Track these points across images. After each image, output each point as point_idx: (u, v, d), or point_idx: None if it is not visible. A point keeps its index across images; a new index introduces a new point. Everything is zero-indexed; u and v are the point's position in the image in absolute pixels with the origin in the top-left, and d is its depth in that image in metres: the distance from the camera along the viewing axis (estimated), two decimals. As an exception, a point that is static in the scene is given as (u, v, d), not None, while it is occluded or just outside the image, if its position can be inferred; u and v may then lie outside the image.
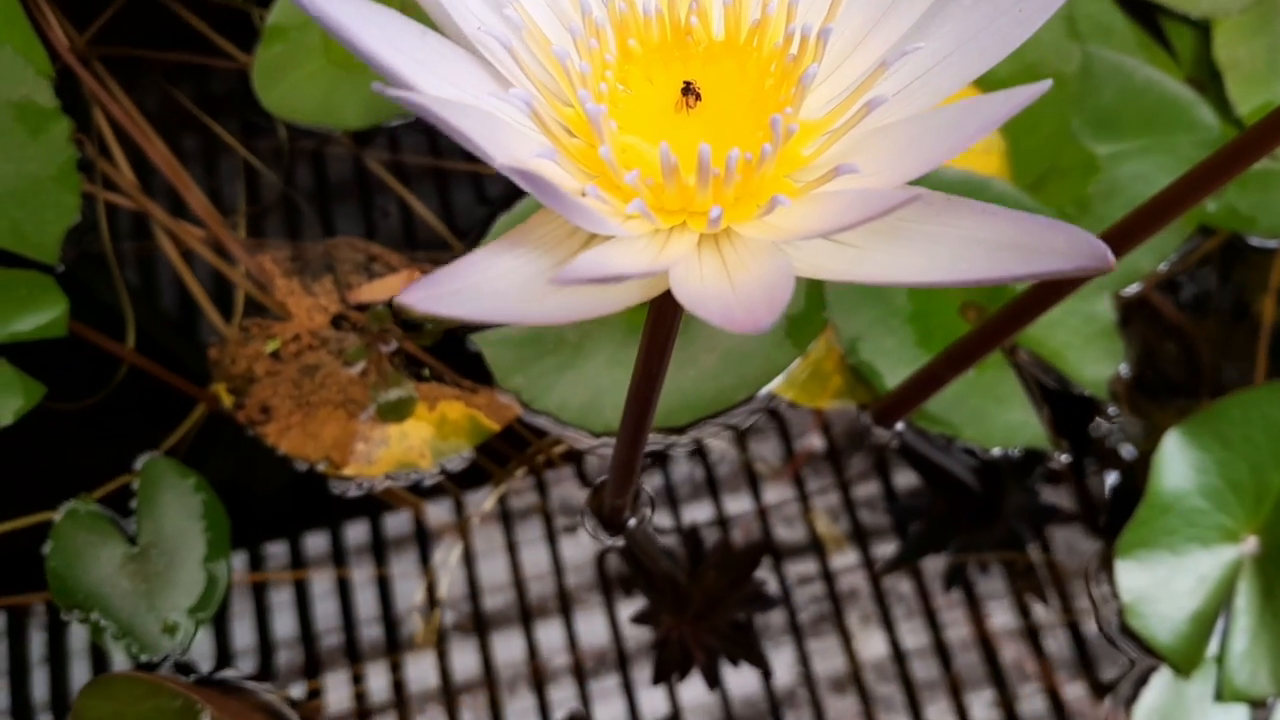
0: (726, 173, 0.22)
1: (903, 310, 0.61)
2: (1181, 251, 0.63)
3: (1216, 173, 0.41)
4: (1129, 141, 0.63)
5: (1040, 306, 0.48)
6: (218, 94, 0.69)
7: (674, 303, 0.29)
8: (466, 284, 0.20)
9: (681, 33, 0.25)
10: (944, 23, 0.22)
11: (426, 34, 0.23)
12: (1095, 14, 0.66)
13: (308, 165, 0.67)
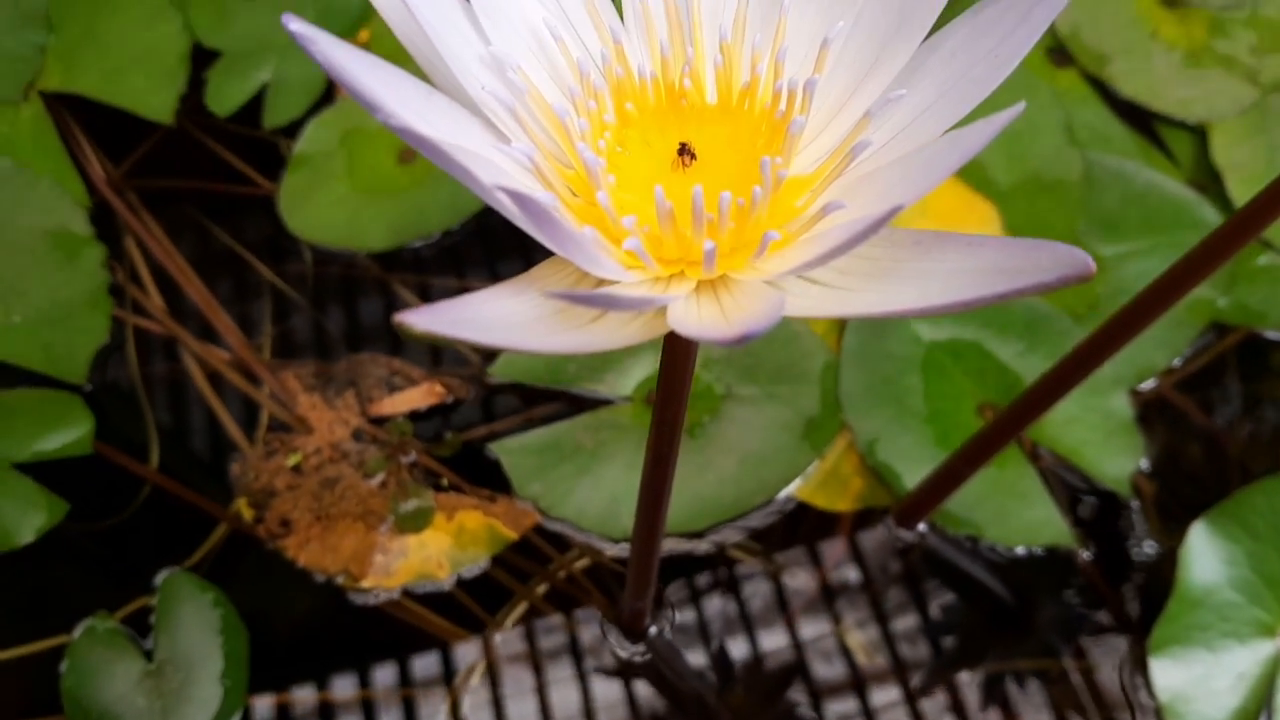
0: (720, 216, 0.23)
1: (919, 411, 0.61)
2: (1196, 347, 0.63)
3: (1210, 257, 0.42)
4: (1135, 242, 0.64)
5: (1052, 397, 0.49)
6: (245, 221, 0.71)
7: (682, 367, 0.29)
8: (470, 314, 0.21)
9: (676, 96, 0.26)
10: (925, 75, 0.23)
11: (433, 93, 0.24)
12: (1093, 122, 0.68)
13: (332, 286, 0.69)
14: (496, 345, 0.21)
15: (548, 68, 0.25)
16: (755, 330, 0.18)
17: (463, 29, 0.25)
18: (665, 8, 0.26)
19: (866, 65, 0.25)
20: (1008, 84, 0.69)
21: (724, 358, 0.63)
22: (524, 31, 0.25)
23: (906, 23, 0.24)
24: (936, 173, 0.21)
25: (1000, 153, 0.67)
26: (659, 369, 0.31)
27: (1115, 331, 0.46)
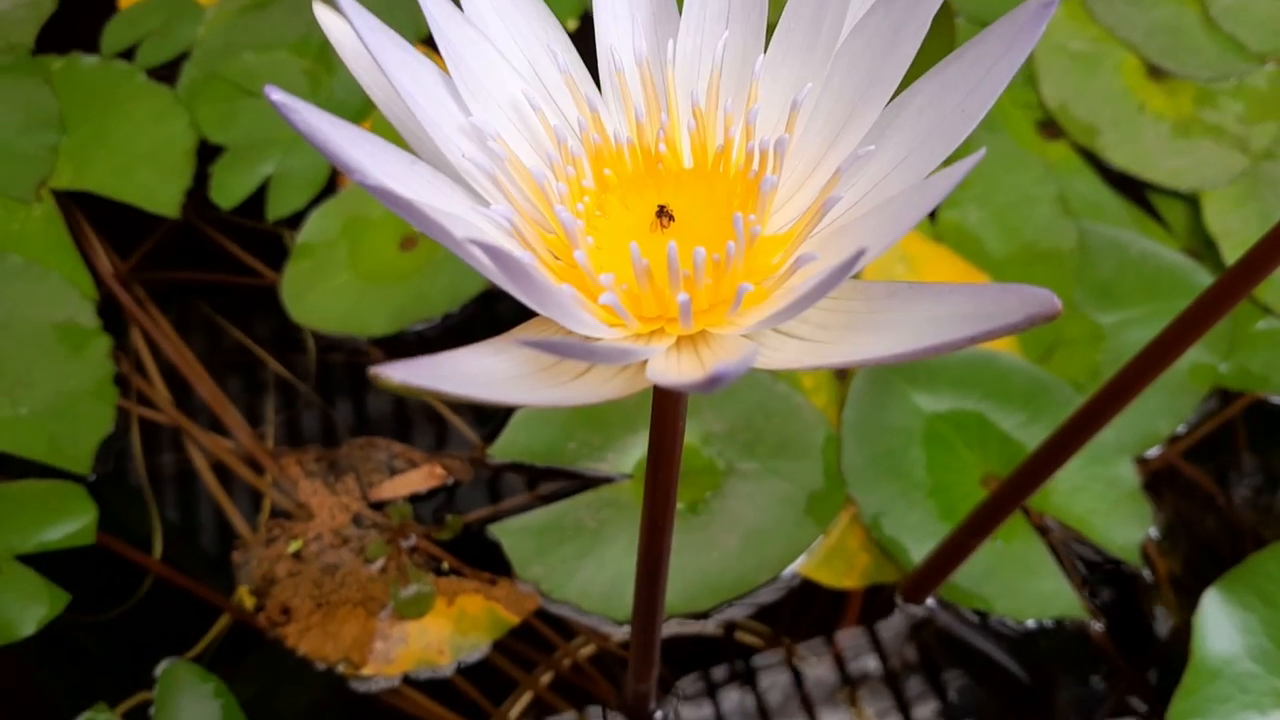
0: (695, 272, 0.23)
1: (923, 484, 0.60)
2: (1200, 413, 0.62)
3: (1200, 320, 0.41)
4: (1132, 309, 0.64)
5: (1052, 465, 0.48)
6: (250, 311, 0.72)
7: (671, 427, 0.29)
8: (449, 370, 0.21)
9: (653, 161, 0.26)
10: (895, 132, 0.24)
11: (416, 162, 0.25)
12: (1086, 193, 0.69)
13: (335, 373, 0.69)
14: (478, 399, 0.21)
15: (527, 136, 0.26)
16: (724, 372, 0.18)
17: (444, 100, 0.25)
18: (641, 76, 0.26)
19: (838, 125, 0.25)
20: (1000, 157, 0.70)
21: (725, 434, 0.63)
22: (503, 102, 0.26)
23: (874, 83, 0.24)
24: (904, 222, 0.21)
25: (994, 226, 0.68)
26: (649, 433, 0.31)
27: (1112, 396, 0.46)
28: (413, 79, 0.24)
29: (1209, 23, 0.75)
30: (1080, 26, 0.75)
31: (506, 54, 0.26)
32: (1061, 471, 0.60)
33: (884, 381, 0.63)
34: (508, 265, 0.19)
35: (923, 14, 0.24)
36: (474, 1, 0.26)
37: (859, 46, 0.25)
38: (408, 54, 0.25)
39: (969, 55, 0.23)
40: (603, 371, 0.25)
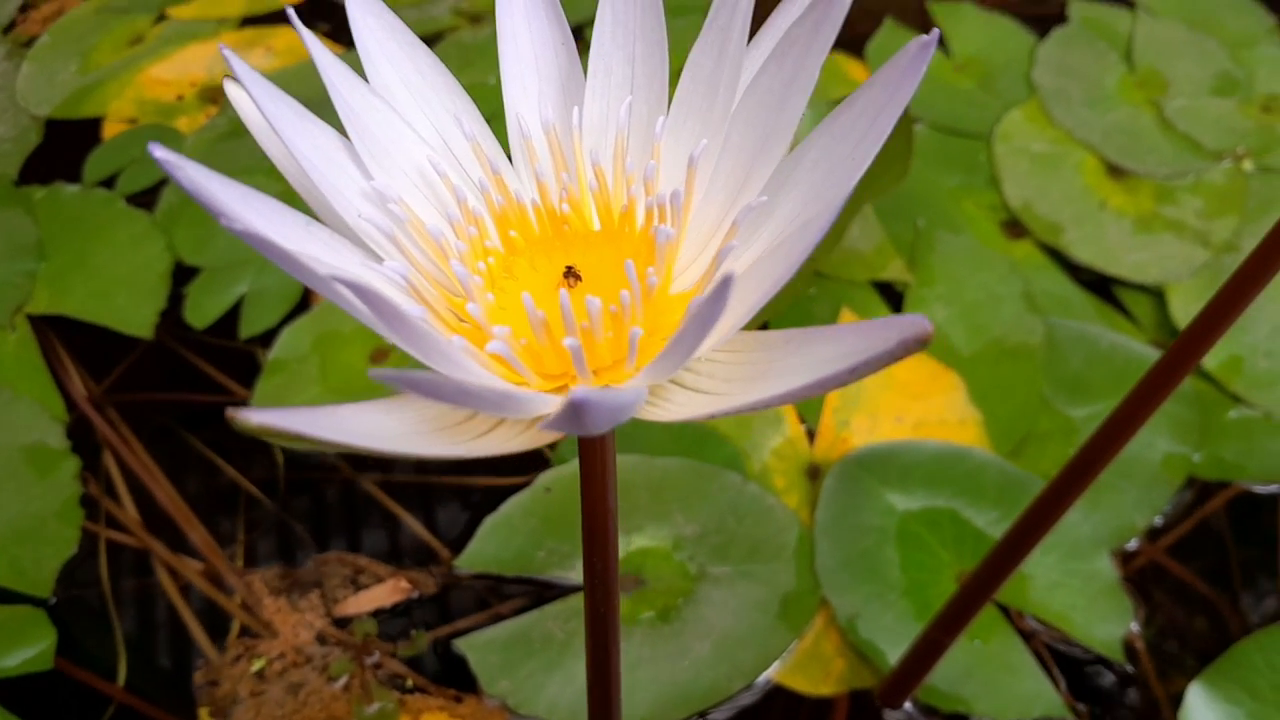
0: (593, 323, 0.23)
1: (898, 584, 0.59)
2: (1175, 504, 0.61)
3: (1149, 396, 0.41)
4: (1103, 402, 0.64)
5: (1020, 553, 0.47)
6: (220, 429, 0.71)
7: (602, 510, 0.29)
8: (334, 422, 0.21)
9: (559, 223, 0.27)
10: (793, 186, 0.24)
11: (313, 224, 0.25)
12: (1052, 289, 0.69)
13: (303, 488, 0.68)
14: (363, 449, 0.21)
15: (432, 200, 0.26)
16: (583, 398, 0.18)
17: (344, 165, 0.25)
18: (548, 142, 0.27)
19: (739, 182, 0.25)
20: (965, 256, 0.71)
21: (697, 537, 0.61)
22: (408, 168, 0.26)
23: (769, 139, 0.25)
24: (788, 263, 0.21)
25: (961, 324, 0.68)
26: (581, 510, 0.30)
27: (1073, 479, 0.45)
28: (311, 145, 0.25)
29: (1165, 123, 0.76)
30: (1040, 129, 0.77)
31: (413, 123, 0.27)
32: (1039, 567, 0.60)
33: (856, 481, 0.62)
34: (376, 304, 0.19)
35: (810, 68, 0.24)
36: (380, 74, 0.27)
37: (753, 105, 0.25)
38: (306, 120, 0.25)
39: (857, 105, 0.23)
40: (509, 428, 0.24)
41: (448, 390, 0.19)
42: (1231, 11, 0.84)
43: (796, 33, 0.24)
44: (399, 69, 0.27)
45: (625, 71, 0.27)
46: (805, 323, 0.70)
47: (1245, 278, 0.37)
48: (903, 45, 0.77)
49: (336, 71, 0.26)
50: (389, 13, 0.27)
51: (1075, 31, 0.83)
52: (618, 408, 0.19)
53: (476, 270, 0.25)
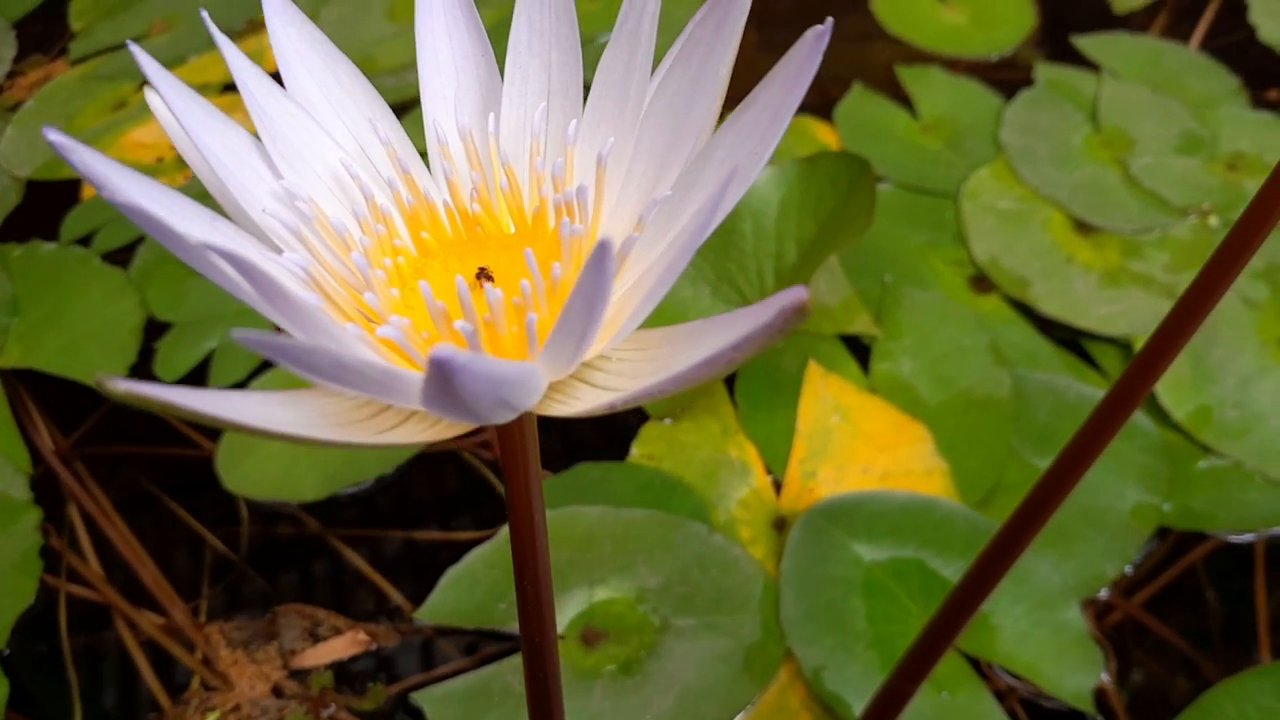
0: (494, 313, 0.23)
1: (864, 635, 0.58)
2: (1144, 552, 0.61)
3: (1098, 434, 0.41)
4: (1071, 453, 0.63)
5: (979, 595, 0.47)
6: (187, 482, 0.71)
7: (527, 510, 0.28)
8: (227, 403, 0.20)
9: (472, 225, 0.27)
10: (703, 183, 0.24)
11: (218, 218, 0.25)
12: (1019, 342, 0.69)
13: (267, 540, 0.68)
14: (254, 429, 0.20)
15: (344, 201, 0.26)
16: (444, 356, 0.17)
17: (255, 165, 0.26)
18: (465, 148, 0.27)
19: (652, 182, 0.25)
20: (932, 311, 0.71)
21: (661, 589, 0.60)
22: (321, 170, 0.26)
23: (678, 139, 0.25)
24: (683, 255, 0.21)
25: (928, 377, 0.68)
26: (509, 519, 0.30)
27: (1026, 520, 0.45)
28: (222, 144, 0.25)
29: (1130, 180, 0.77)
30: (1007, 187, 0.77)
31: (331, 129, 0.27)
32: (1007, 618, 0.59)
33: (822, 532, 0.61)
34: (249, 272, 0.19)
35: (714, 68, 0.24)
36: (299, 83, 0.27)
37: (662, 106, 0.25)
38: (218, 120, 0.25)
39: (759, 102, 0.23)
40: (420, 421, 0.24)
41: (323, 363, 0.19)
42: (1195, 74, 0.85)
43: (700, 34, 0.24)
44: (318, 78, 0.27)
45: (542, 78, 0.27)
46: (773, 375, 0.70)
47: (1183, 313, 0.37)
48: (871, 110, 0.79)
49: (251, 76, 0.26)
50: (309, 24, 0.27)
51: (1041, 93, 0.84)
52: (497, 379, 0.19)
53: (381, 265, 0.25)
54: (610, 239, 0.18)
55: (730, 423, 0.68)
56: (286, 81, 0.27)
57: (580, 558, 0.62)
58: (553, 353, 0.21)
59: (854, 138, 0.83)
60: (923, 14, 0.93)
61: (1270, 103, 0.84)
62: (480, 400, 0.19)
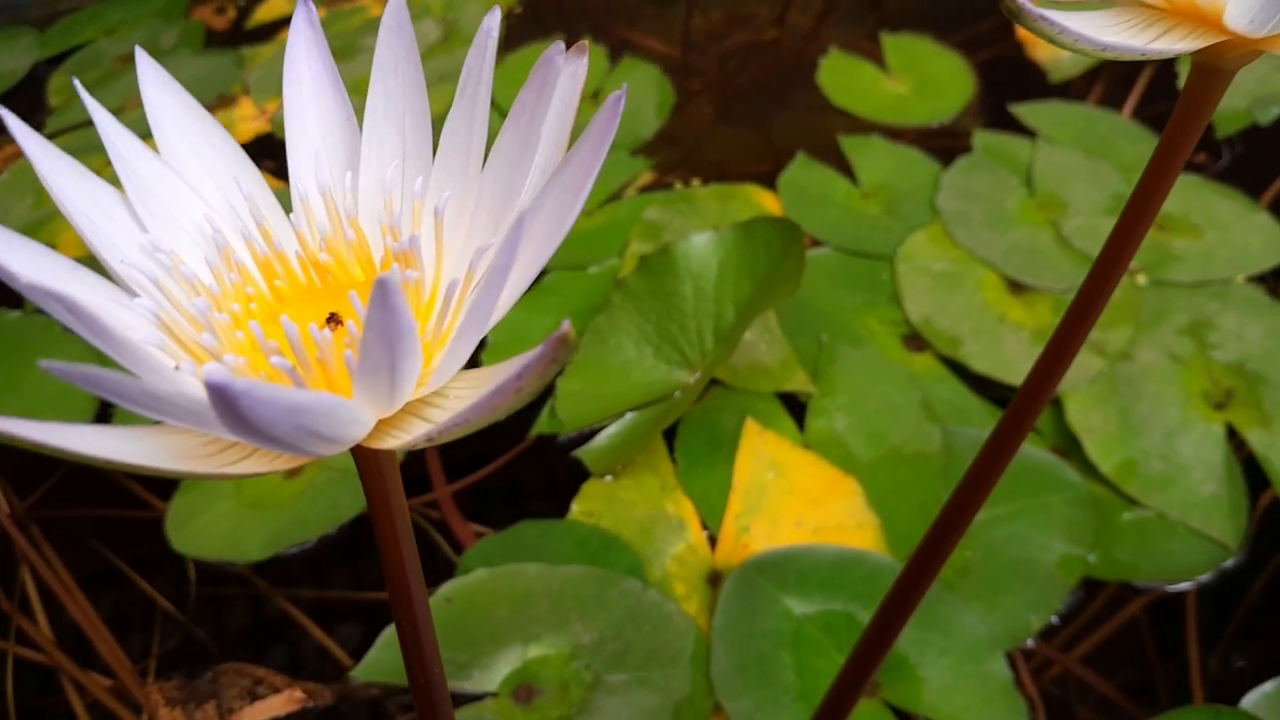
0: (323, 351, 0.24)
1: (792, 689, 0.59)
2: (1072, 604, 0.62)
3: (991, 466, 0.42)
4: (1001, 506, 0.65)
5: (887, 637, 0.48)
6: (137, 543, 0.72)
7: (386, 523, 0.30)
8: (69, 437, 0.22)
9: (324, 272, 0.28)
10: (530, 237, 0.26)
11: (79, 268, 0.27)
12: (950, 399, 0.71)
13: (213, 599, 0.69)
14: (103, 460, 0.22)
15: (204, 251, 0.28)
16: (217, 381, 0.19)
17: (120, 219, 0.28)
18: (325, 204, 0.29)
19: (490, 233, 0.27)
20: (866, 368, 0.73)
21: (594, 645, 0.61)
22: (186, 224, 0.28)
23: (511, 195, 0.27)
24: (486, 298, 0.22)
25: (861, 433, 0.69)
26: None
27: (916, 570, 0.46)
28: (91, 200, 0.27)
29: (1062, 241, 0.79)
30: (942, 250, 0.80)
31: (200, 187, 0.29)
32: (933, 669, 0.59)
33: (754, 586, 0.62)
34: (75, 311, 0.20)
35: (536, 129, 0.26)
36: (171, 144, 0.29)
37: (499, 164, 0.27)
38: (85, 178, 0.27)
39: (575, 161, 0.25)
40: (265, 454, 0.26)
41: (132, 392, 0.20)
42: (1126, 139, 0.88)
43: (525, 99, 0.26)
44: (190, 140, 0.29)
45: (397, 140, 0.29)
46: (711, 432, 0.71)
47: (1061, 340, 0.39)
48: (813, 178, 0.81)
49: (120, 139, 0.28)
50: (184, 92, 0.30)
51: (978, 159, 0.87)
52: (289, 407, 0.20)
53: (228, 310, 0.27)
54: (392, 277, 0.20)
55: (669, 479, 0.69)
56: (160, 143, 0.29)
57: (517, 615, 0.63)
58: (364, 386, 0.23)
59: (796, 204, 0.85)
60: (866, 86, 0.96)
61: (1196, 165, 0.87)
62: (278, 427, 0.21)
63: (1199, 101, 0.33)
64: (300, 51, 0.29)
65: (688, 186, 0.91)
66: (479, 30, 0.27)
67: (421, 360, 0.23)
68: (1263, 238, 0.79)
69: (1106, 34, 0.29)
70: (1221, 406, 0.69)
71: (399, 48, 0.29)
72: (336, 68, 0.30)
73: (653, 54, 1.11)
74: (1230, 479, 0.65)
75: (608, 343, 0.77)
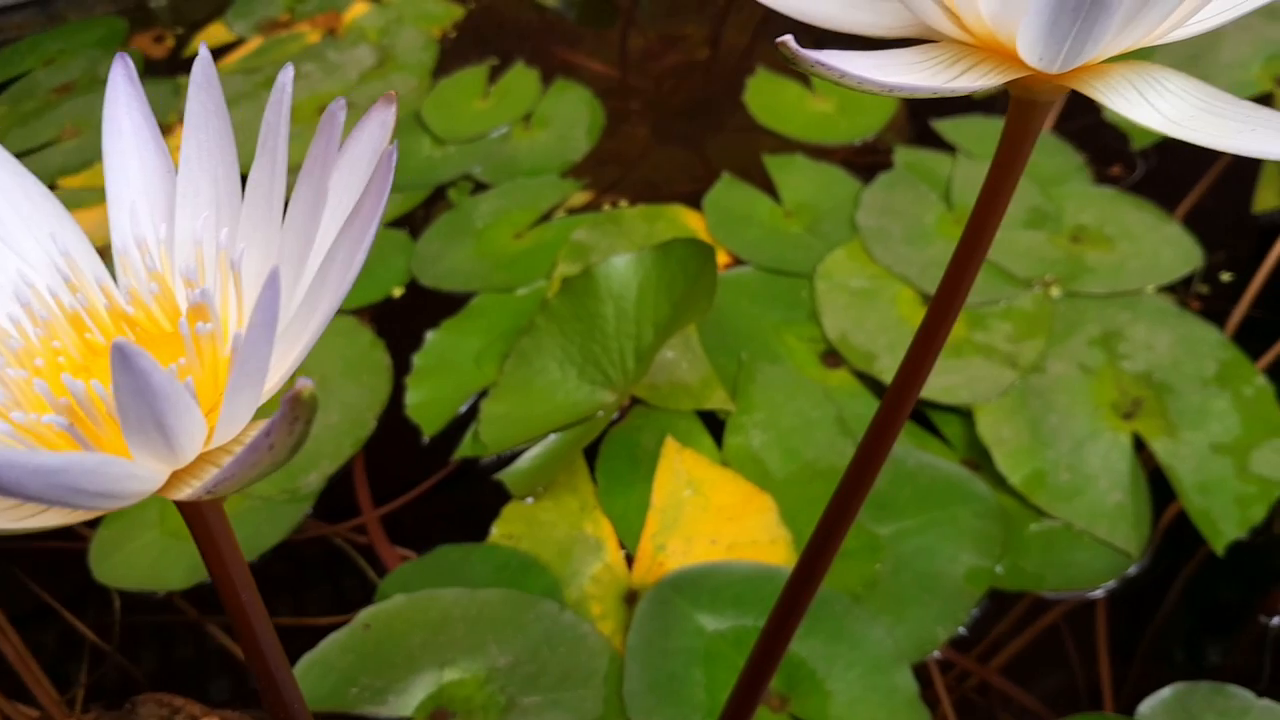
0: (109, 407, 0.25)
1: (702, 705, 0.59)
2: (988, 614, 0.63)
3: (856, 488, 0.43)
4: (908, 520, 0.66)
5: (780, 642, 0.49)
6: (63, 574, 0.73)
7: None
8: None
9: (133, 324, 0.29)
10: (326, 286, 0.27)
11: None
12: (864, 413, 0.72)
13: (137, 629, 0.69)
14: None
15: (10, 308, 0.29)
16: None
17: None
18: (141, 256, 0.30)
19: (292, 283, 0.28)
20: (783, 385, 0.74)
21: (509, 668, 0.62)
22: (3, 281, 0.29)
23: (308, 246, 0.28)
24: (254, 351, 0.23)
25: (777, 449, 0.70)
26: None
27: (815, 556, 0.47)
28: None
29: (978, 256, 0.80)
30: (860, 266, 0.81)
31: (17, 242, 0.30)
32: (840, 683, 0.60)
33: (667, 604, 0.63)
34: None
35: (324, 182, 0.27)
36: None
37: (297, 216, 0.28)
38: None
39: (361, 213, 0.26)
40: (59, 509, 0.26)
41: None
42: (1045, 153, 0.90)
43: (315, 152, 0.27)
44: (9, 196, 0.30)
45: (211, 192, 0.30)
46: (632, 452, 0.72)
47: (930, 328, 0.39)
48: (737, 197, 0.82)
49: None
50: (1, 148, 0.30)
51: (899, 175, 0.88)
52: (33, 468, 0.21)
53: (30, 366, 0.27)
54: (127, 341, 0.21)
55: (589, 500, 0.70)
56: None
57: (433, 640, 0.64)
58: (134, 444, 0.23)
59: (719, 224, 0.86)
60: (791, 105, 0.98)
61: (1113, 178, 0.88)
62: (29, 488, 0.21)
63: (1020, 133, 0.34)
64: (121, 107, 0.30)
65: (615, 207, 0.92)
66: (274, 86, 0.28)
67: (196, 415, 0.24)
68: (1174, 248, 0.81)
69: (907, 73, 0.30)
70: (1130, 416, 0.70)
71: (209, 103, 0.29)
72: (156, 121, 0.31)
73: (594, 75, 1.13)
74: (1135, 488, 0.66)
75: (532, 365, 0.78)
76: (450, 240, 0.90)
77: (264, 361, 0.24)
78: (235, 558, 0.31)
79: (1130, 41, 0.28)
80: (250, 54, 1.17)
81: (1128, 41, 0.28)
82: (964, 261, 0.38)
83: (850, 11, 0.34)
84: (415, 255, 0.90)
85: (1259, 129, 0.28)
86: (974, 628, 0.63)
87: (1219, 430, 0.69)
